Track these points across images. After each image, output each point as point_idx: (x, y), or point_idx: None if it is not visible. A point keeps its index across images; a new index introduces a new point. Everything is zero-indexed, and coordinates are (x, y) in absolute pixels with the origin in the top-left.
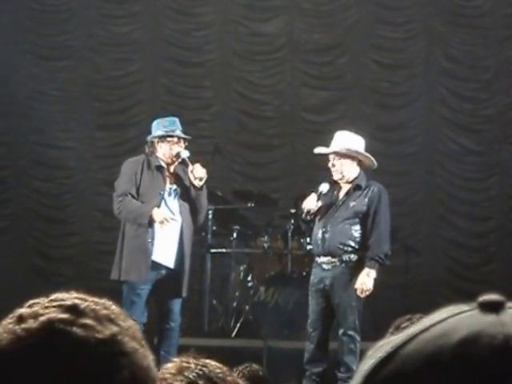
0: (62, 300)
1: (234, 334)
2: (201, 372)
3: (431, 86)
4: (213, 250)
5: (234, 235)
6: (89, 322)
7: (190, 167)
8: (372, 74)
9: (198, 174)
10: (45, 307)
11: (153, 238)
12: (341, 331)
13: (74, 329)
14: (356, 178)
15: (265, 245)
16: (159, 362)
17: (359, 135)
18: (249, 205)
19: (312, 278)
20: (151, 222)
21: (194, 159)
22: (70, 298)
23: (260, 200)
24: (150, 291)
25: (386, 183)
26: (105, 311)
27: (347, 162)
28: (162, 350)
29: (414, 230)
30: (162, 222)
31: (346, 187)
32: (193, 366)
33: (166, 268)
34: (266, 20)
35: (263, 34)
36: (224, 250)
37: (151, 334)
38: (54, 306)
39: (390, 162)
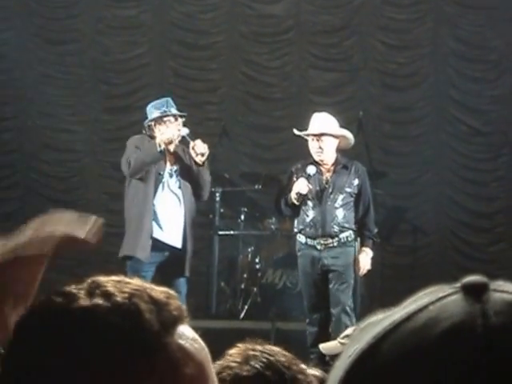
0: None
1: (242, 315)
2: (267, 361)
3: (439, 66)
4: (220, 232)
5: (242, 217)
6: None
7: (192, 144)
8: (379, 55)
9: (199, 149)
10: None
11: (156, 218)
12: (337, 309)
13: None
14: (337, 159)
15: (272, 227)
16: None
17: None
18: (256, 187)
19: (302, 260)
20: (162, 151)
21: (196, 138)
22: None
23: (267, 182)
24: (154, 273)
25: (395, 164)
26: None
27: (333, 143)
28: None
29: (422, 210)
30: (170, 142)
31: (329, 168)
32: (258, 354)
33: (172, 248)
34: (272, 2)
35: (270, 16)
36: (232, 232)
37: None
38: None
39: (398, 143)
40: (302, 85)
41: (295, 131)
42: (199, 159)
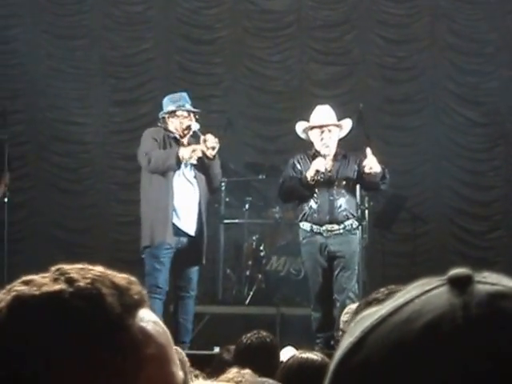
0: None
1: (247, 301)
2: None
3: (436, 60)
4: (226, 221)
5: (247, 206)
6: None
7: (202, 138)
8: (378, 49)
9: (210, 143)
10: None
11: (173, 206)
12: (342, 296)
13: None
14: (336, 150)
15: (276, 215)
16: (178, 330)
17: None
18: (260, 177)
19: (308, 247)
20: (179, 164)
21: (206, 132)
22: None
23: (271, 172)
24: (172, 258)
25: (394, 154)
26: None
27: (337, 134)
28: (181, 317)
29: (421, 199)
30: (191, 157)
31: (329, 158)
32: None
33: (187, 235)
34: None
35: (272, 12)
36: (237, 221)
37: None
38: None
39: (398, 134)
40: (303, 78)
41: (300, 125)
42: (210, 153)
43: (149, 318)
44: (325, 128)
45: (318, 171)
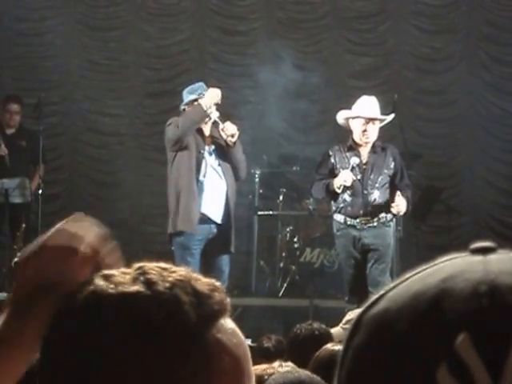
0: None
1: (280, 293)
2: None
3: (472, 50)
4: (260, 213)
5: (280, 198)
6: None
7: (221, 126)
8: (413, 39)
9: (228, 131)
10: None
11: (201, 192)
12: (376, 289)
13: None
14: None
15: (310, 207)
16: None
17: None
18: (294, 168)
19: (342, 240)
20: (208, 111)
21: (225, 120)
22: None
23: (305, 163)
24: (202, 250)
25: (430, 146)
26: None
27: (378, 127)
28: None
29: (456, 191)
30: (216, 102)
31: (366, 149)
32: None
33: (215, 223)
34: None
35: (307, 2)
36: (271, 213)
37: None
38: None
39: (433, 125)
40: (338, 69)
41: (344, 113)
42: (230, 140)
43: (226, 329)
44: (371, 121)
45: (346, 187)
